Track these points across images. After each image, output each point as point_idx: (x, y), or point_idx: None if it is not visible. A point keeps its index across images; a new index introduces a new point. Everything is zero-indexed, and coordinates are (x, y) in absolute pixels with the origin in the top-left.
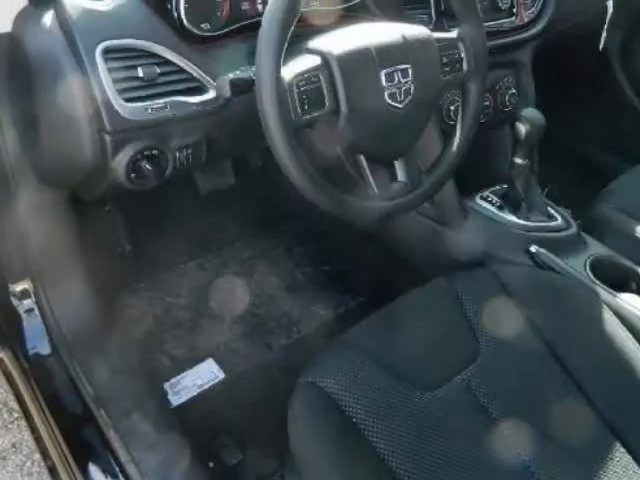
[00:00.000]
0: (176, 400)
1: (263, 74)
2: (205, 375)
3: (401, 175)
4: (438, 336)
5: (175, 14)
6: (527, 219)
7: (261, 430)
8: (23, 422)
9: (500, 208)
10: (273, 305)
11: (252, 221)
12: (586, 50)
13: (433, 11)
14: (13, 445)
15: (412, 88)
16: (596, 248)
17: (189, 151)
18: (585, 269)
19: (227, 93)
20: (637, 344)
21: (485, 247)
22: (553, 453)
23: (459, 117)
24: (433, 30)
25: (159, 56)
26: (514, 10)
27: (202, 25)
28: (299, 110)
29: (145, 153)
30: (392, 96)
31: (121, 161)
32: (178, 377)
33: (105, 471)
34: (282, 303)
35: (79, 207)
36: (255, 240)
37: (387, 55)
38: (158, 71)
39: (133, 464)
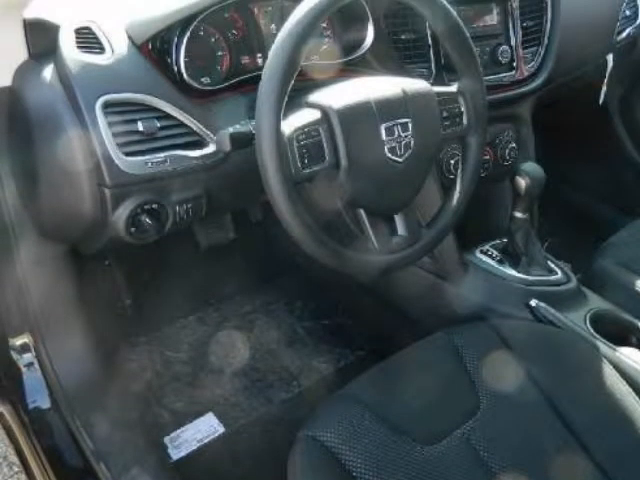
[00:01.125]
0: (176, 454)
1: (263, 128)
2: (205, 429)
3: (401, 229)
4: (438, 390)
5: (175, 68)
6: (527, 273)
7: None
8: (23, 476)
9: (500, 262)
10: (273, 359)
11: (252, 275)
12: (586, 104)
13: (433, 65)
14: None
15: (412, 142)
16: (596, 302)
17: (189, 205)
18: (585, 323)
19: (227, 147)
20: (637, 398)
21: (485, 301)
22: None
23: (459, 171)
24: (433, 84)
25: (159, 110)
26: (514, 64)
27: (202, 79)
28: (299, 164)
29: (145, 207)
30: (392, 150)
31: (121, 215)
32: (178, 431)
33: None
34: (282, 357)
35: (79, 261)
36: (255, 294)
37: (387, 109)
38: (158, 125)
39: None
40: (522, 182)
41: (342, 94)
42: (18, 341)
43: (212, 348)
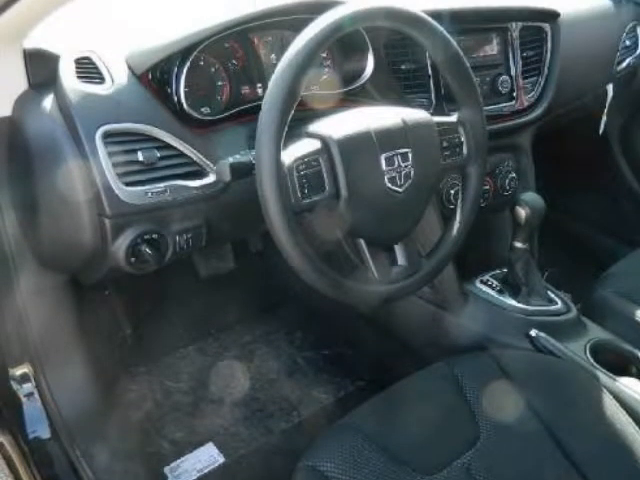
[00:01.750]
0: None
1: (263, 158)
2: (205, 459)
3: (401, 259)
4: (438, 420)
5: (175, 98)
6: (527, 303)
7: None
8: None
9: (500, 292)
10: (273, 389)
11: (252, 305)
12: (586, 134)
13: (433, 95)
14: None
15: (412, 172)
16: (596, 332)
17: (189, 235)
18: (585, 353)
19: (227, 177)
20: (637, 429)
21: (485, 331)
22: None
23: (459, 201)
24: (433, 114)
25: (159, 140)
26: (514, 94)
27: (202, 109)
28: (299, 194)
29: (145, 237)
30: (392, 180)
31: (121, 245)
32: (178, 461)
33: None
34: (282, 387)
35: (79, 291)
36: (255, 324)
37: (387, 139)
38: (158, 155)
39: None
40: (522, 212)
41: (342, 124)
42: (18, 371)
43: (212, 378)
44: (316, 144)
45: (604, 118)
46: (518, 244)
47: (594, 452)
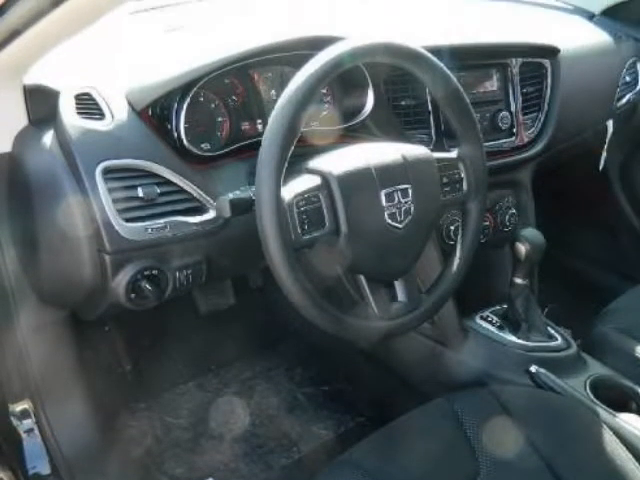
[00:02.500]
0: None
1: (263, 194)
2: None
3: (401, 295)
4: (438, 456)
5: (175, 134)
6: (527, 339)
7: None
8: None
9: (500, 328)
10: (273, 425)
11: (252, 341)
12: (586, 170)
13: (433, 131)
14: None
15: (412, 208)
16: (596, 368)
17: (189, 271)
18: (585, 389)
19: (227, 213)
20: (637, 465)
21: (485, 367)
22: None
23: (459, 237)
24: (433, 150)
25: (159, 176)
26: (514, 130)
27: (202, 145)
28: (299, 230)
29: (145, 273)
30: (392, 216)
31: (121, 281)
32: None
33: None
34: (282, 423)
35: (79, 326)
36: (255, 360)
37: (387, 175)
38: (158, 191)
39: None
40: (522, 248)
41: (342, 160)
42: (18, 407)
43: (212, 414)
44: (316, 180)
45: (604, 154)
46: (518, 280)
47: None
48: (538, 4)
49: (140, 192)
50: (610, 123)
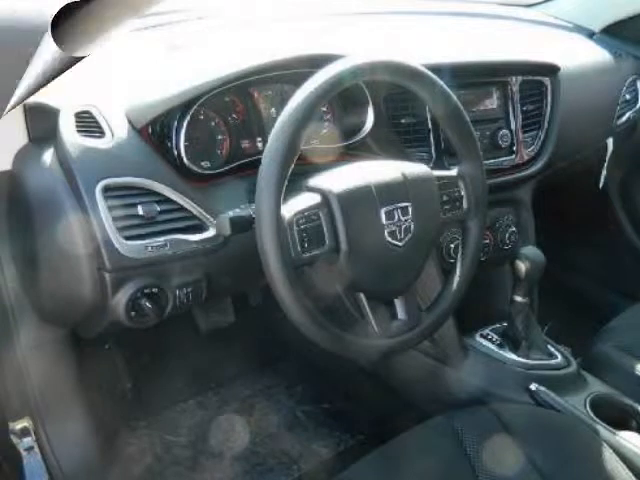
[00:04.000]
0: None
1: (263, 212)
2: None
3: (401, 313)
4: (438, 474)
5: (175, 152)
6: (527, 357)
7: None
8: None
9: (500, 346)
10: (273, 443)
11: (252, 359)
12: (586, 188)
13: (433, 149)
14: None
15: (412, 226)
16: (596, 386)
17: (189, 289)
18: (585, 407)
19: (227, 231)
20: None
21: (485, 385)
22: None
23: (459, 255)
24: (433, 168)
25: (159, 194)
26: (514, 148)
27: (202, 163)
28: (299, 248)
29: (145, 291)
30: (392, 234)
31: (121, 299)
32: None
33: None
34: (282, 441)
35: (79, 345)
36: (255, 378)
37: (387, 193)
38: (158, 209)
39: None
40: (522, 266)
41: (342, 178)
42: (18, 425)
43: (212, 432)
44: (316, 198)
45: (604, 172)
46: (518, 298)
47: None
48: (538, 22)
49: (140, 210)
50: (610, 141)
